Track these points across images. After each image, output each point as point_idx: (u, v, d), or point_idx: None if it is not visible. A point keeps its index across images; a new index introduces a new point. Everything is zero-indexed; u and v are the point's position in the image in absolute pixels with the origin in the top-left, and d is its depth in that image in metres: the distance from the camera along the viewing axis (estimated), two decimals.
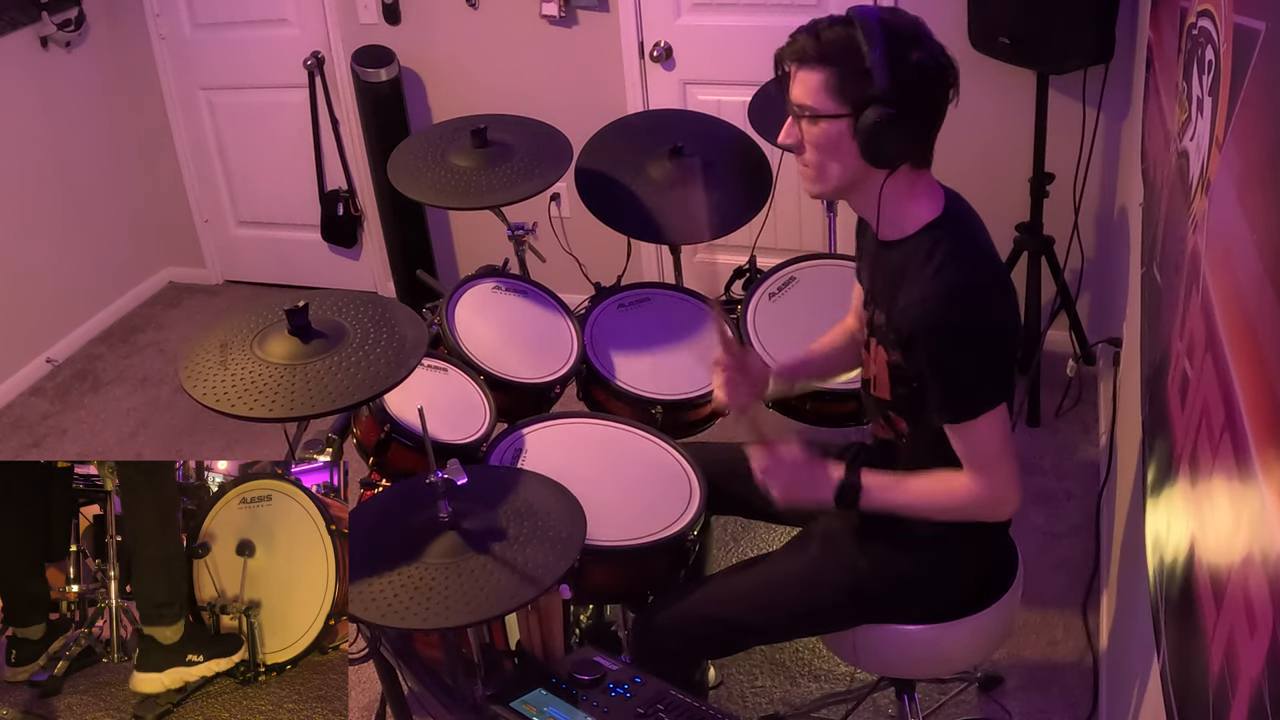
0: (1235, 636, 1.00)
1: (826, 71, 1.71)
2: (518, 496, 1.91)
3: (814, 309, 2.63)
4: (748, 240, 3.05)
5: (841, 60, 1.70)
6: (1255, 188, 1.09)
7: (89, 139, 4.36)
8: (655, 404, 2.47)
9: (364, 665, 2.05)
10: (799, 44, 1.75)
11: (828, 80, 1.71)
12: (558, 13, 3.77)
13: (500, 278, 2.67)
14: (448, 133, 2.82)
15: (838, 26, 1.72)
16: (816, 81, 1.73)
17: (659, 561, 2.08)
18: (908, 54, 1.69)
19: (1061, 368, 3.47)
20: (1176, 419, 1.47)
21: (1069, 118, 3.36)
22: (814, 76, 1.73)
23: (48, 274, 4.26)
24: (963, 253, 1.78)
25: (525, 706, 1.71)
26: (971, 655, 2.23)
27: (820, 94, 1.73)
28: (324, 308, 2.00)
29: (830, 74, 1.71)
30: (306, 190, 4.40)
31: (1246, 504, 1.00)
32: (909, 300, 1.76)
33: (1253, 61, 1.15)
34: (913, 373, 1.81)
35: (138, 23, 4.33)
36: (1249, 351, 1.05)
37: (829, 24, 1.73)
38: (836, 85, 1.71)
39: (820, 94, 1.73)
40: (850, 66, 1.70)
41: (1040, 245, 3.38)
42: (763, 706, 2.59)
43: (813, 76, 1.73)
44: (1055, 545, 2.98)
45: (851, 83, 1.70)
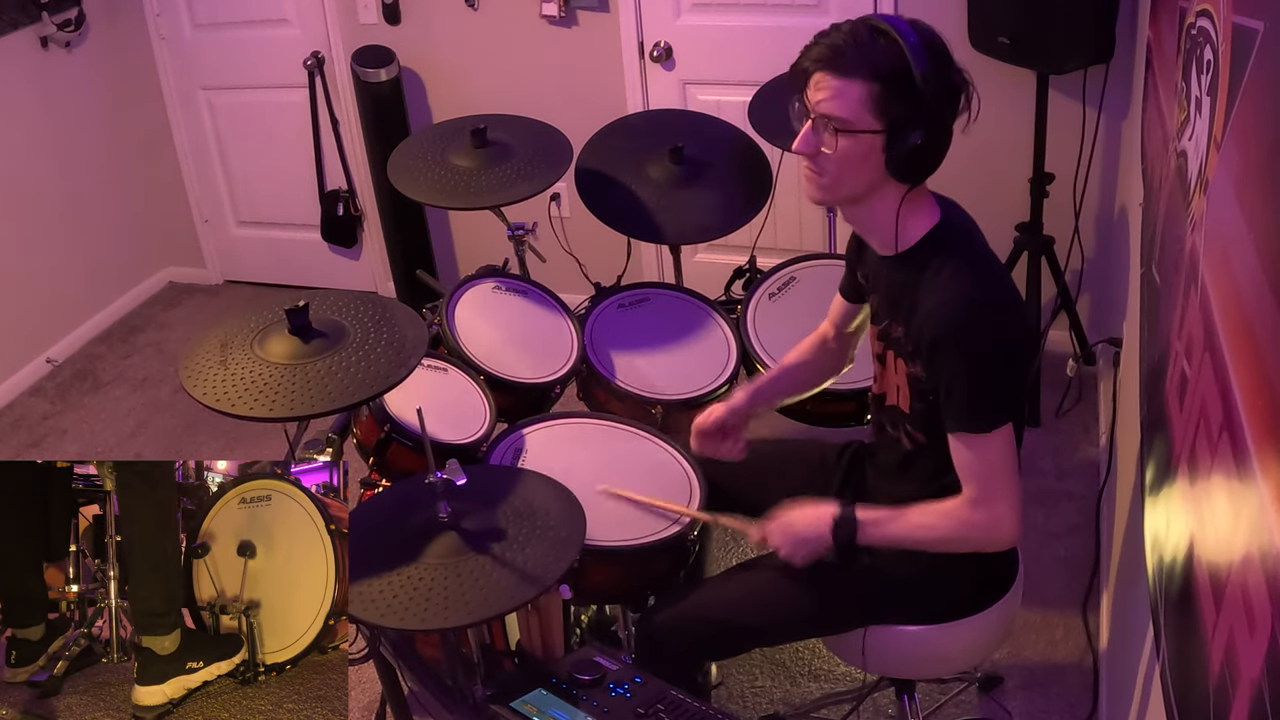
0: (1235, 636, 1.00)
1: (869, 84, 1.66)
2: (517, 496, 1.91)
3: (814, 309, 2.62)
4: (748, 240, 3.05)
5: (886, 74, 1.65)
6: (1254, 187, 1.09)
7: (89, 139, 4.36)
8: (655, 404, 2.47)
9: (364, 665, 2.05)
10: (832, 50, 1.68)
11: (870, 94, 1.66)
12: (558, 13, 3.77)
13: (500, 278, 2.67)
14: (448, 133, 2.82)
15: (878, 37, 1.66)
16: (857, 94, 1.67)
17: (659, 562, 2.08)
18: (948, 72, 1.67)
19: (1061, 368, 3.47)
20: (1175, 419, 1.47)
21: (1069, 118, 3.35)
22: (855, 88, 1.66)
23: (48, 274, 4.26)
24: (972, 260, 1.78)
25: (525, 706, 1.71)
26: (972, 655, 2.23)
27: (858, 108, 1.67)
28: (324, 308, 2.00)
29: (874, 88, 1.66)
30: (306, 190, 4.41)
31: (1245, 503, 1.00)
32: (928, 308, 1.75)
33: (1251, 61, 1.15)
34: (931, 385, 1.80)
35: (138, 23, 4.33)
36: (1247, 351, 1.05)
37: (868, 33, 1.67)
38: (879, 101, 1.66)
39: (858, 108, 1.67)
40: (897, 83, 1.65)
41: (1040, 245, 3.38)
42: (763, 706, 2.59)
43: (853, 88, 1.67)
44: (1055, 545, 2.98)
45: (896, 100, 1.65)
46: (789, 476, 2.20)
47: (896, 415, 1.93)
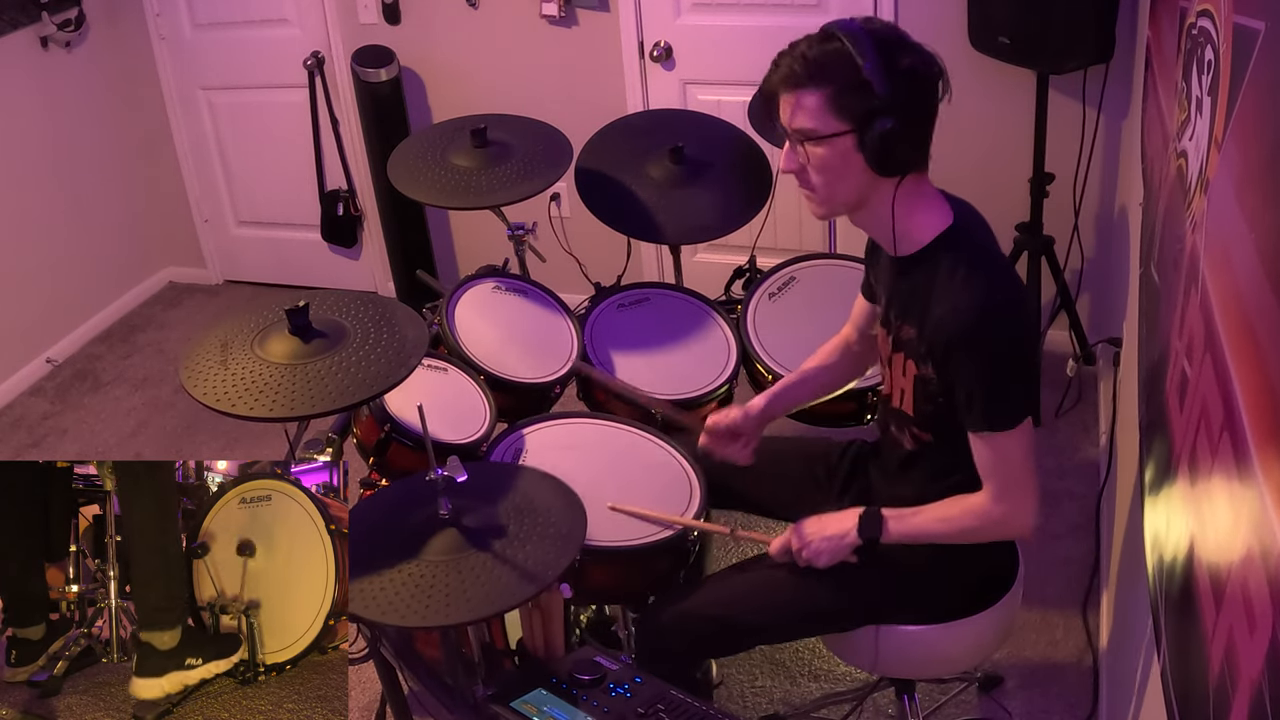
0: (1235, 636, 1.00)
1: (822, 90, 1.69)
2: (518, 493, 1.91)
3: (814, 309, 2.63)
4: (748, 240, 3.04)
5: (836, 76, 1.68)
6: (1254, 187, 1.09)
7: (89, 139, 4.36)
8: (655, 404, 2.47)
9: (364, 665, 2.04)
10: (785, 69, 1.72)
11: (825, 99, 1.70)
12: (558, 13, 3.77)
13: (500, 278, 2.67)
14: (448, 133, 2.82)
15: (823, 43, 1.70)
16: (814, 102, 1.70)
17: (659, 561, 2.08)
18: (899, 59, 1.69)
19: (1061, 368, 3.47)
20: (1175, 419, 1.47)
21: (1069, 118, 3.36)
22: (810, 98, 1.71)
23: (48, 274, 4.26)
24: (986, 261, 1.79)
25: (525, 706, 1.71)
26: (972, 655, 2.23)
27: (820, 114, 1.71)
28: (324, 308, 2.00)
29: (827, 92, 1.69)
30: (306, 190, 4.40)
31: (1246, 503, 1.00)
32: (943, 311, 1.76)
33: (1252, 61, 1.15)
34: (941, 387, 1.81)
35: (138, 23, 4.33)
36: (1248, 351, 1.05)
37: (812, 43, 1.71)
38: (835, 102, 1.69)
39: (820, 114, 1.71)
40: (846, 81, 1.68)
41: (1040, 245, 3.38)
42: (763, 706, 2.59)
43: (809, 98, 1.71)
44: (1055, 545, 2.98)
45: (851, 97, 1.68)
46: (791, 475, 2.20)
47: (901, 417, 1.93)
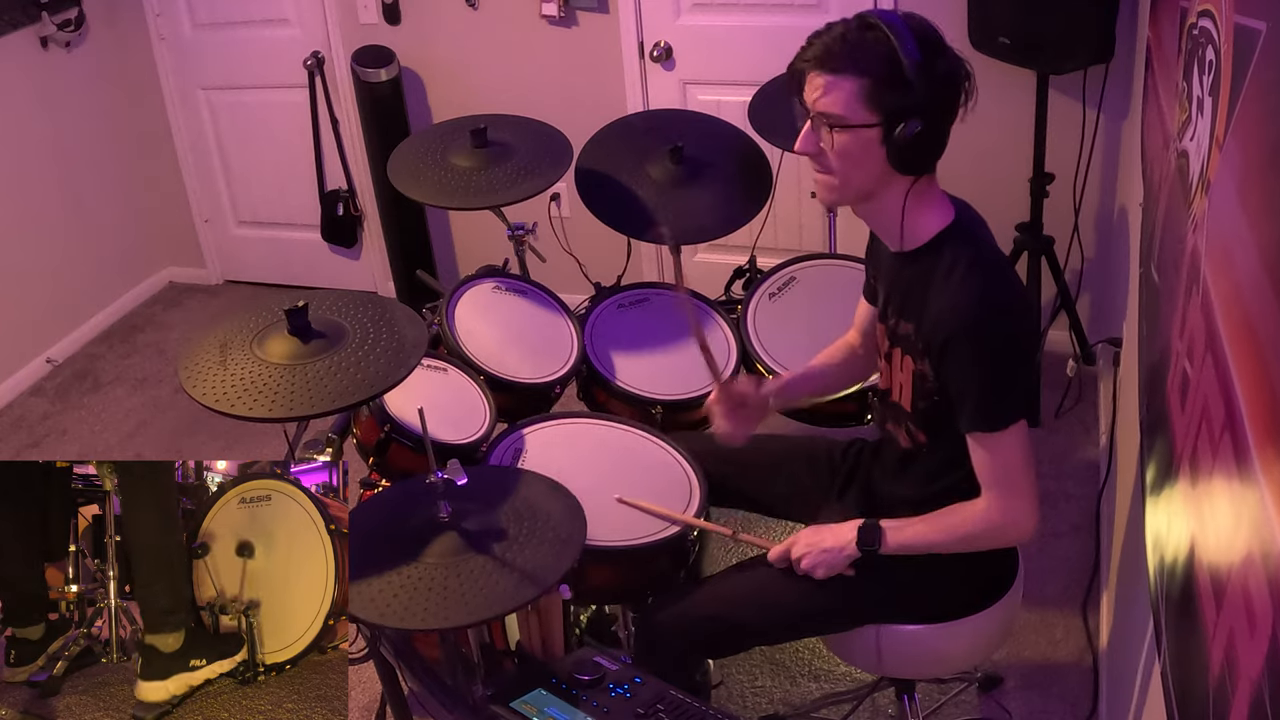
0: (1235, 636, 1.00)
1: (859, 79, 1.68)
2: (518, 497, 1.91)
3: (814, 309, 2.63)
4: (748, 240, 3.05)
5: (875, 67, 1.67)
6: (1256, 187, 1.09)
7: (89, 139, 4.36)
8: (655, 404, 2.47)
9: (364, 665, 2.05)
10: (821, 48, 1.70)
11: (861, 88, 1.68)
12: (558, 13, 3.77)
13: (500, 278, 2.67)
14: (448, 133, 2.82)
15: (866, 32, 1.68)
16: (848, 89, 1.68)
17: (659, 561, 2.08)
18: (937, 61, 1.68)
19: (1061, 368, 3.47)
20: (1176, 419, 1.47)
21: (1069, 118, 3.35)
22: (845, 83, 1.69)
23: (48, 274, 4.26)
24: (985, 260, 1.79)
25: (525, 706, 1.71)
26: (972, 655, 2.23)
27: (851, 102, 1.69)
28: (324, 308, 2.00)
29: (864, 82, 1.68)
30: (306, 190, 4.40)
31: (1247, 504, 1.00)
32: (941, 307, 1.76)
33: (1253, 61, 1.15)
34: (938, 384, 1.81)
35: (138, 23, 4.33)
36: (1249, 351, 1.04)
37: (857, 29, 1.69)
38: (870, 93, 1.68)
39: (851, 102, 1.69)
40: (885, 74, 1.66)
41: (1040, 245, 3.38)
42: (763, 706, 2.59)
43: (844, 83, 1.69)
44: (1055, 545, 2.98)
45: (887, 91, 1.67)
46: (792, 473, 2.20)
47: (899, 412, 1.93)
